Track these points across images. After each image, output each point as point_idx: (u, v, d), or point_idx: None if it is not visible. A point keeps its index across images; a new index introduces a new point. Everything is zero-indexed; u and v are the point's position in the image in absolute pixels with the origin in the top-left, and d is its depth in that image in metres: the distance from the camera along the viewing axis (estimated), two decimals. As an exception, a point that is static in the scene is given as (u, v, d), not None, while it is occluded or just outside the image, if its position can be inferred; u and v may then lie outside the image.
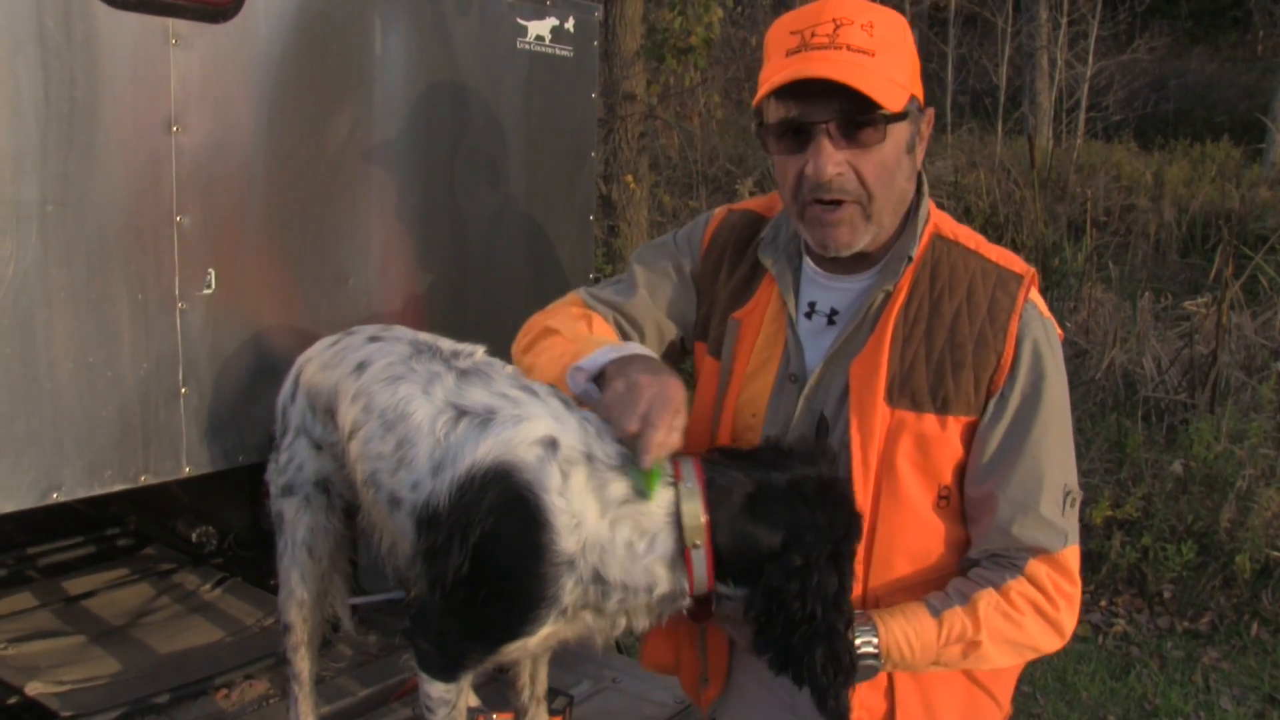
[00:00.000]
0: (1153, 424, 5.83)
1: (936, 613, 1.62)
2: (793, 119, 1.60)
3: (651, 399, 1.57)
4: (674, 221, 9.01)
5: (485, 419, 1.73)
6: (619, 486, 1.61)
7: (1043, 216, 7.51)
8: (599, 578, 1.61)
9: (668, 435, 1.54)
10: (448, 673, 1.78)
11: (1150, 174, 11.53)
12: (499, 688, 2.27)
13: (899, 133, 1.61)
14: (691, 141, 10.94)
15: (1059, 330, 1.73)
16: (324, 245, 2.46)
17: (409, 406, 1.85)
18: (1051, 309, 1.79)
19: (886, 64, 1.57)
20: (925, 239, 1.71)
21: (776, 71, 1.58)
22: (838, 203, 1.61)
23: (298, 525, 2.13)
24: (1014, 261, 1.71)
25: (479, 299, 2.83)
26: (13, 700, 2.41)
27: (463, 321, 2.69)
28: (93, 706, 2.38)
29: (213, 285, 2.23)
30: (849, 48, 1.55)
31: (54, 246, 1.99)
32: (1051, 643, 1.69)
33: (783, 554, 1.54)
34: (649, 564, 1.60)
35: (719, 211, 1.99)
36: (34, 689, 2.44)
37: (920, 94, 1.66)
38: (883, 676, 1.72)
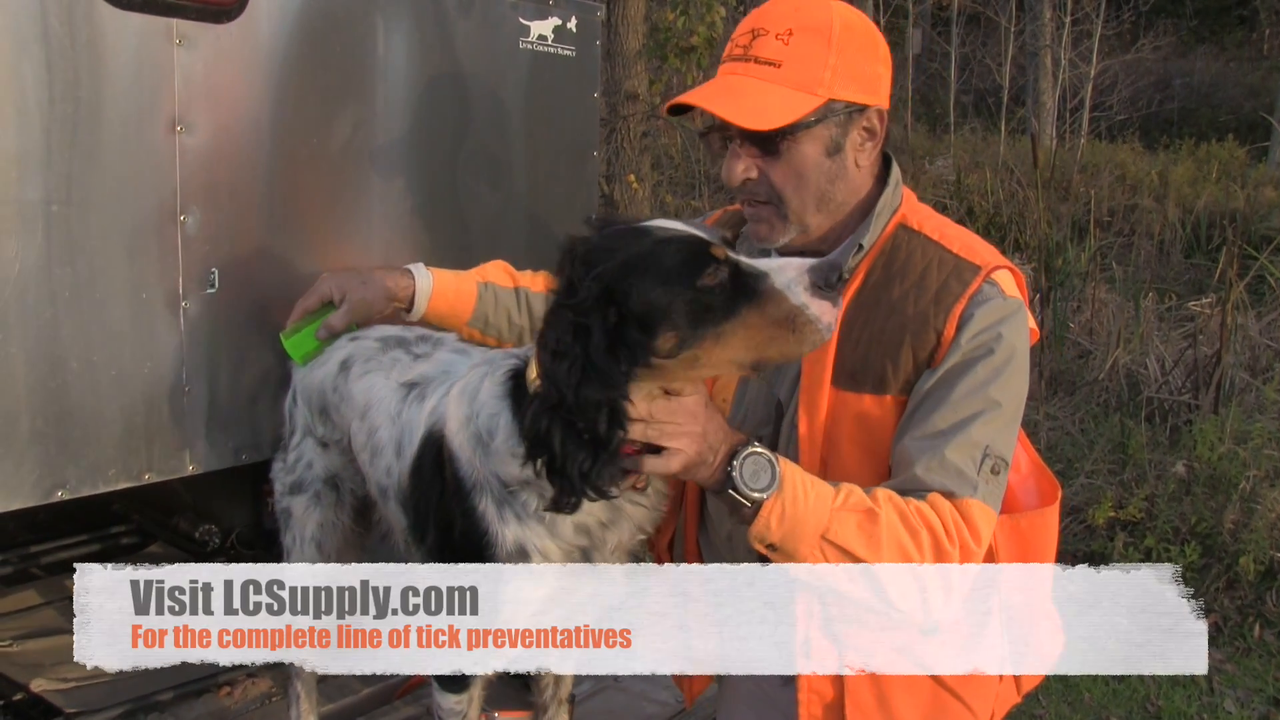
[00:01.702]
0: (1156, 425, 5.82)
1: (836, 485, 1.55)
2: (711, 125, 1.69)
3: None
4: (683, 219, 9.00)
5: (423, 389, 1.82)
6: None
7: (1046, 216, 7.50)
8: (503, 484, 1.57)
9: (295, 315, 2.15)
10: (456, 680, 1.78)
11: (1154, 174, 11.52)
12: (511, 687, 2.28)
13: (813, 137, 1.63)
14: (694, 141, 10.93)
15: (1033, 327, 1.69)
16: (327, 245, 2.47)
17: (374, 394, 1.90)
18: (1055, 309, 1.77)
19: (794, 73, 1.60)
20: (890, 229, 1.71)
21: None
22: (758, 202, 1.69)
23: (307, 522, 2.15)
24: (977, 254, 1.68)
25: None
26: (18, 697, 2.42)
27: (465, 321, 2.69)
28: (97, 703, 2.39)
29: (216, 284, 2.24)
30: (757, 60, 1.62)
31: (58, 246, 2.00)
32: (937, 590, 1.57)
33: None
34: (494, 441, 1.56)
35: (717, 211, 2.06)
36: (39, 685, 2.45)
37: (864, 93, 1.66)
38: (832, 665, 1.69)
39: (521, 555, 1.59)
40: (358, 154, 2.48)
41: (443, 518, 1.68)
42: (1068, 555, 5.25)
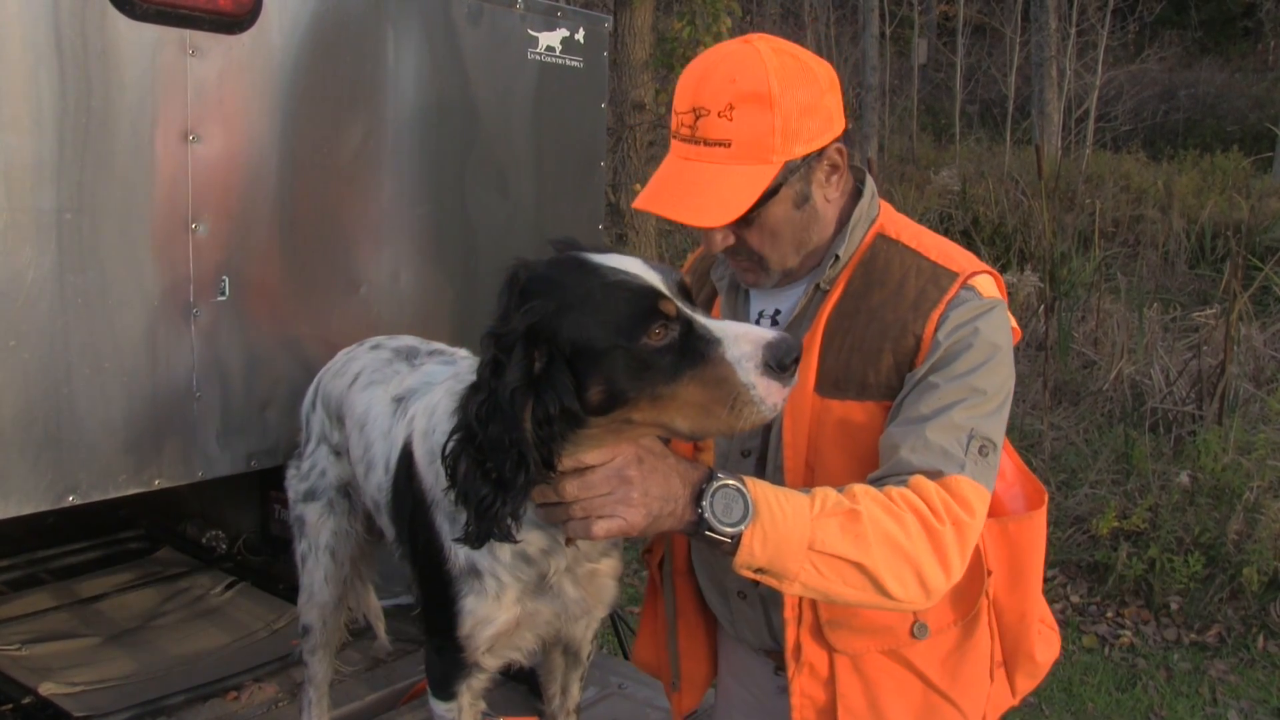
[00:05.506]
0: (1160, 435, 5.82)
1: (808, 492, 1.49)
2: None
3: None
4: (681, 230, 9.01)
5: (407, 403, 1.83)
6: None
7: (1051, 227, 7.51)
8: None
9: None
10: (443, 687, 1.80)
11: (1159, 184, 11.53)
12: (517, 694, 2.28)
13: (780, 200, 1.65)
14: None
15: (1016, 326, 1.71)
16: (336, 253, 2.49)
17: (373, 409, 1.92)
18: (1060, 320, 1.77)
19: (745, 149, 1.59)
20: (869, 239, 1.74)
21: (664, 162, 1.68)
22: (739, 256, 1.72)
23: (321, 529, 2.16)
24: (954, 261, 1.69)
25: (488, 307, 2.84)
26: (27, 700, 2.44)
27: (472, 329, 2.71)
28: (105, 707, 2.40)
29: (227, 292, 2.26)
30: (705, 142, 1.60)
31: (71, 254, 2.02)
32: (935, 570, 1.49)
33: None
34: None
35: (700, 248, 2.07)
36: (48, 689, 2.46)
37: (818, 135, 1.64)
38: (823, 667, 1.70)
39: (473, 573, 1.60)
40: (367, 163, 2.50)
41: (411, 530, 1.71)
42: (1071, 564, 5.25)
